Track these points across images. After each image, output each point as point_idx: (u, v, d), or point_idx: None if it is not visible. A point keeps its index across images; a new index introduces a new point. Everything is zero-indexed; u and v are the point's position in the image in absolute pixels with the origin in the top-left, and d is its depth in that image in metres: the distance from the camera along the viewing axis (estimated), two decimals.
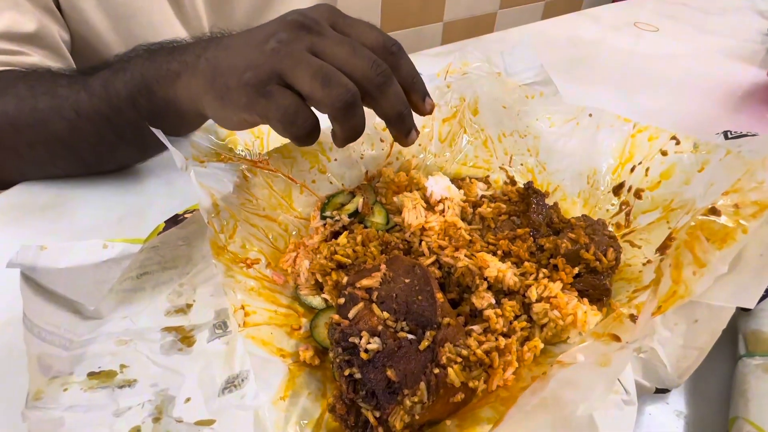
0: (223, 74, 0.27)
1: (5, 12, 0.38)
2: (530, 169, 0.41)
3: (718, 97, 0.61)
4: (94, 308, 0.28)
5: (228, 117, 0.28)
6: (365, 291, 0.26)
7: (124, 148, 0.37)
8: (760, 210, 0.27)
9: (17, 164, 0.37)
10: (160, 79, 0.31)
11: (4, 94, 0.35)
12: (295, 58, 0.24)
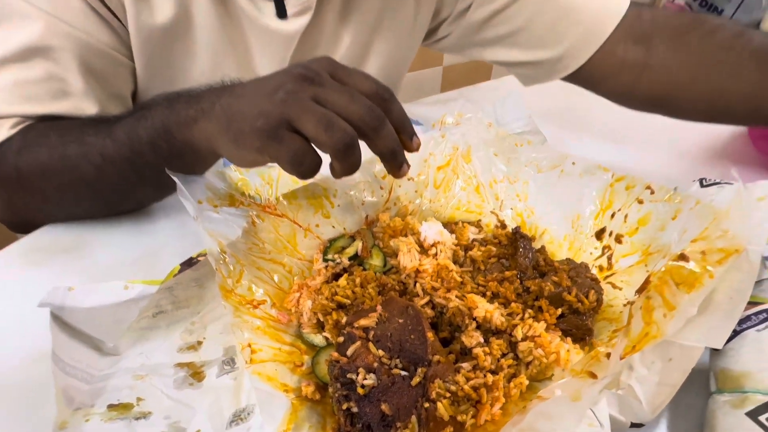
0: (237, 120, 0.30)
1: (73, 97, 0.41)
2: (519, 213, 0.43)
3: (703, 144, 0.64)
4: (113, 345, 0.30)
5: (242, 157, 0.32)
6: (363, 330, 0.28)
7: (144, 188, 0.40)
8: (725, 256, 0.29)
9: (44, 206, 0.41)
10: (178, 124, 0.34)
11: (38, 144, 0.38)
12: (302, 107, 0.28)
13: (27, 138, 0.39)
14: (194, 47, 0.46)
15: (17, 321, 0.33)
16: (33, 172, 0.38)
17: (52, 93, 0.41)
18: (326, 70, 0.30)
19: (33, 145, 0.38)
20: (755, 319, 0.29)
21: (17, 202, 0.41)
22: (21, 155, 0.38)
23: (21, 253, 0.39)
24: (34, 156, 0.38)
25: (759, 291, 0.33)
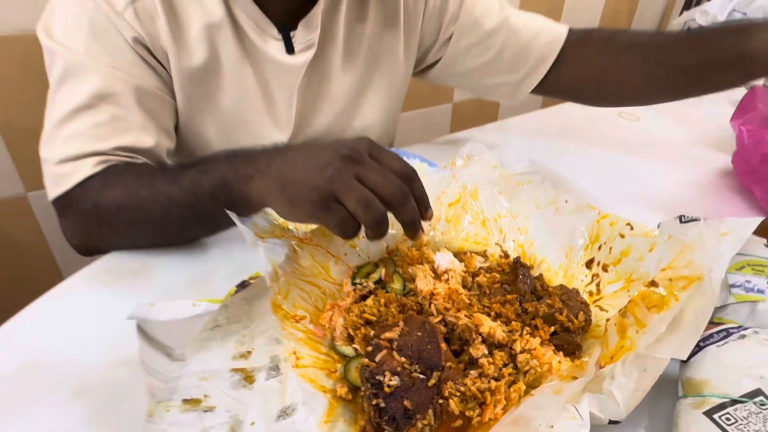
0: (291, 186, 0.37)
1: (133, 131, 0.49)
2: (521, 244, 0.50)
3: (691, 181, 0.70)
4: (181, 353, 0.36)
5: (293, 216, 0.40)
6: (388, 341, 0.34)
7: (200, 228, 0.47)
8: (689, 283, 0.35)
9: (115, 238, 0.48)
10: (236, 179, 0.41)
11: (115, 183, 0.46)
12: (346, 186, 0.36)
13: (107, 178, 0.46)
14: (223, 82, 0.55)
15: (99, 332, 0.39)
16: (110, 208, 0.45)
17: (118, 130, 0.49)
18: (366, 151, 0.38)
19: (112, 185, 0.46)
20: (716, 336, 0.35)
21: (92, 232, 0.48)
22: (101, 193, 0.46)
23: (94, 275, 0.46)
24: (112, 195, 0.45)
25: (724, 314, 0.39)
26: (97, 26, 0.47)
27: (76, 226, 0.49)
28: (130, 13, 0.48)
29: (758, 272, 0.40)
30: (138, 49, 0.49)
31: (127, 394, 0.35)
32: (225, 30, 0.52)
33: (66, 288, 0.44)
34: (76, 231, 0.49)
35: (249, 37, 0.54)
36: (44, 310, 0.42)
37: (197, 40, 0.51)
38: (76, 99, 0.47)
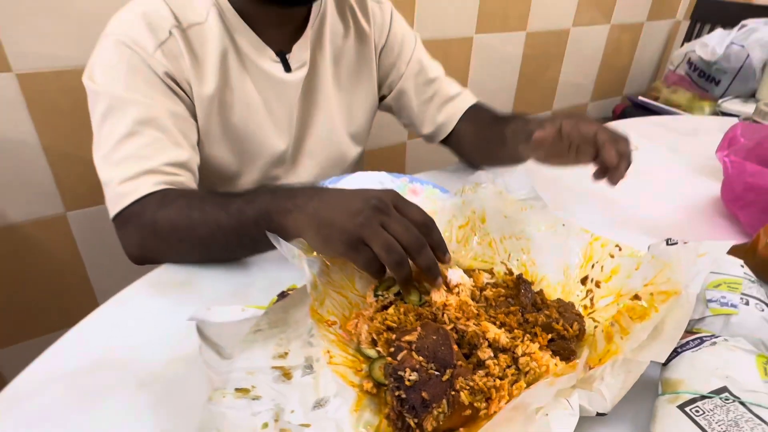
0: (326, 226, 0.44)
1: (172, 148, 0.58)
2: (523, 263, 0.55)
3: (683, 206, 0.76)
4: (229, 351, 0.42)
5: (324, 251, 0.46)
6: (407, 343, 0.40)
7: (241, 250, 0.54)
8: (667, 297, 0.41)
9: (168, 251, 0.54)
10: (277, 212, 0.47)
11: (171, 205, 0.53)
12: (372, 232, 0.42)
13: (165, 200, 0.54)
14: (233, 102, 0.65)
15: (157, 333, 0.46)
16: (165, 225, 0.52)
17: (160, 149, 0.57)
18: (392, 202, 0.45)
19: (168, 206, 0.53)
20: (692, 343, 0.40)
21: (148, 245, 0.55)
22: (158, 212, 0.53)
23: (149, 285, 0.52)
24: (168, 214, 0.52)
25: (702, 325, 0.44)
26: (134, 67, 0.57)
27: (134, 238, 0.55)
28: (159, 54, 0.58)
29: (733, 289, 0.46)
30: (167, 82, 0.59)
31: (184, 385, 0.41)
32: (231, 58, 0.63)
33: (126, 296, 0.50)
34: (134, 243, 0.56)
35: (251, 60, 0.64)
36: (109, 314, 0.48)
37: (211, 72, 0.61)
38: (121, 128, 0.56)
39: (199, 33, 0.60)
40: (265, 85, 0.66)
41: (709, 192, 0.78)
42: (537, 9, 1.62)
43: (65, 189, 1.03)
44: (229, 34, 0.62)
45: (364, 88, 0.76)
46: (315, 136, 0.73)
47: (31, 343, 1.15)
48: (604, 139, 0.51)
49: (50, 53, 0.91)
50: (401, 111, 0.82)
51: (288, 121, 0.69)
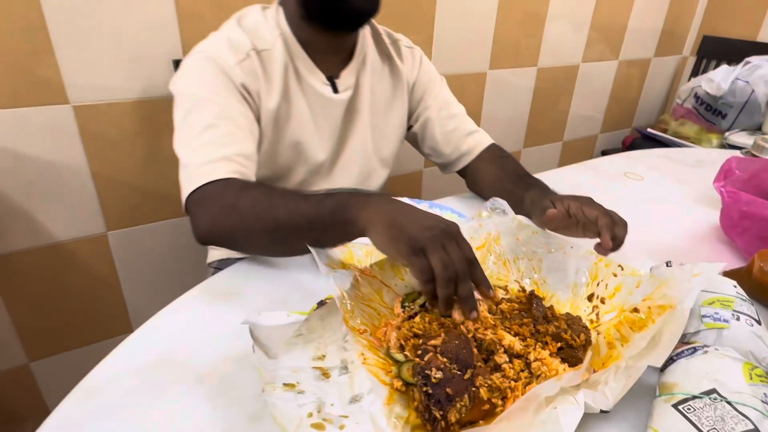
0: (396, 228, 0.50)
1: (242, 141, 0.67)
2: (535, 282, 0.61)
3: (685, 232, 0.81)
4: (275, 352, 0.48)
5: (387, 249, 0.51)
6: (433, 347, 0.46)
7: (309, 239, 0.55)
8: (663, 310, 0.46)
9: (237, 230, 0.59)
10: (355, 204, 0.54)
11: (253, 188, 0.60)
12: (436, 246, 0.48)
13: (246, 184, 0.61)
14: (289, 114, 0.75)
15: (209, 336, 0.52)
16: (246, 203, 0.58)
17: (234, 140, 0.66)
18: (454, 233, 0.51)
19: (250, 189, 0.60)
20: (686, 352, 0.45)
21: (221, 222, 0.59)
22: (240, 194, 0.60)
23: (200, 295, 0.58)
24: (251, 194, 0.59)
25: (697, 338, 0.49)
26: (216, 75, 0.68)
27: (209, 215, 0.60)
28: (238, 69, 0.69)
29: (725, 306, 0.51)
30: (242, 91, 0.69)
31: (235, 380, 0.47)
32: (291, 78, 0.74)
33: (180, 304, 0.57)
34: (208, 219, 0.60)
35: (307, 81, 0.75)
36: (166, 319, 0.54)
37: (276, 89, 0.72)
38: (203, 121, 0.65)
39: (269, 57, 0.72)
40: (315, 102, 0.77)
41: (710, 219, 0.83)
42: (547, 46, 1.71)
43: (108, 210, 1.11)
44: (291, 58, 0.74)
45: (396, 117, 0.87)
46: (350, 152, 0.84)
47: (64, 356, 1.21)
48: (602, 225, 0.58)
49: (103, 86, 1.01)
50: (425, 140, 0.91)
51: (330, 136, 0.80)
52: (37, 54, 0.93)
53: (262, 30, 0.73)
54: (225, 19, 1.08)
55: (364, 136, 0.83)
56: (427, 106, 0.88)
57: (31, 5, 0.89)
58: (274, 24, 0.74)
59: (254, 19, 0.75)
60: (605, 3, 1.78)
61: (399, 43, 0.87)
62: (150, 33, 1.02)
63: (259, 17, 0.75)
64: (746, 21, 1.96)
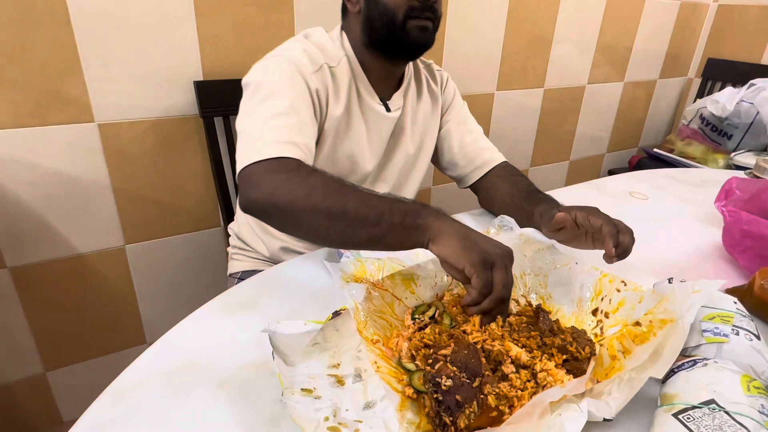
0: (470, 241, 0.53)
1: (309, 136, 0.72)
2: (542, 296, 0.63)
3: (689, 250, 0.82)
4: (292, 359, 0.51)
5: (456, 258, 0.53)
6: (443, 356, 0.48)
7: (368, 231, 0.57)
8: (664, 324, 0.48)
9: (294, 205, 0.59)
10: (428, 213, 0.57)
11: (326, 173, 0.63)
12: (503, 265, 0.52)
13: (315, 168, 0.65)
14: (348, 126, 0.82)
15: (229, 343, 0.54)
16: (311, 184, 0.60)
17: (302, 132, 0.70)
18: (512, 259, 0.55)
19: (319, 172, 0.63)
20: (687, 365, 0.47)
21: (282, 193, 0.60)
22: (312, 172, 0.63)
23: (220, 306, 0.61)
24: (318, 177, 0.61)
25: (698, 351, 0.51)
26: (294, 76, 0.74)
27: (273, 183, 0.61)
28: (314, 77, 0.76)
29: (725, 321, 0.53)
30: (314, 96, 0.76)
31: (255, 387, 0.49)
32: (353, 94, 0.82)
33: (201, 314, 0.60)
34: (271, 188, 0.61)
35: (364, 98, 0.83)
36: (190, 327, 0.57)
37: (342, 100, 0.80)
38: (280, 107, 0.70)
39: (336, 72, 0.80)
40: (371, 118, 0.85)
41: (713, 238, 0.85)
42: (554, 68, 1.76)
43: (127, 224, 1.15)
44: (353, 76, 0.82)
45: (432, 134, 0.95)
46: (393, 166, 0.91)
47: (79, 366, 1.24)
48: (606, 233, 0.60)
49: (127, 105, 1.06)
50: (443, 152, 0.97)
51: (379, 150, 0.88)
52: (67, 74, 0.98)
53: (329, 48, 0.81)
54: (244, 41, 1.13)
55: (406, 151, 0.91)
56: (448, 120, 0.96)
57: (64, 28, 0.95)
58: (339, 45, 0.82)
59: (321, 38, 0.82)
60: (610, 26, 1.83)
61: (431, 67, 0.95)
62: (173, 56, 1.07)
63: (326, 37, 0.82)
64: (750, 44, 1.99)
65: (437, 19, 0.79)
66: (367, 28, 0.79)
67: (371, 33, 0.79)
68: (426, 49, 0.81)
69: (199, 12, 1.06)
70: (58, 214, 1.07)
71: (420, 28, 0.76)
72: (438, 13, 0.78)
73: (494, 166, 0.92)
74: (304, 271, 0.70)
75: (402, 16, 0.75)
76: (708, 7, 2.09)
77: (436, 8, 0.77)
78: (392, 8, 0.75)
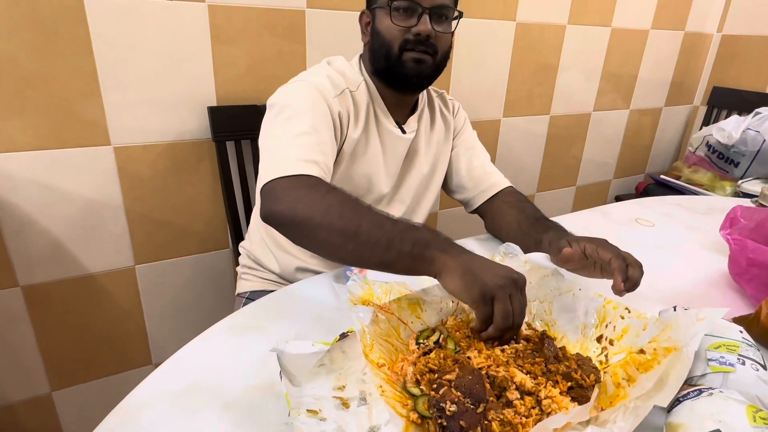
0: (470, 275, 0.55)
1: (329, 155, 0.75)
2: (546, 323, 0.63)
3: (698, 279, 0.82)
4: (299, 380, 0.51)
5: (458, 292, 0.56)
6: (448, 381, 0.48)
7: (377, 254, 0.59)
8: (668, 352, 0.48)
9: (313, 220, 0.61)
10: (436, 246, 0.58)
11: (344, 192, 0.65)
12: (504, 297, 0.54)
13: (335, 187, 0.66)
14: (365, 147, 0.86)
15: (236, 365, 0.55)
16: (329, 201, 0.62)
17: (323, 151, 0.73)
18: (521, 285, 0.56)
19: (339, 191, 0.65)
20: (692, 394, 0.47)
21: (302, 207, 0.62)
22: (331, 191, 0.65)
23: (227, 328, 0.62)
24: (336, 196, 0.63)
25: (704, 381, 0.51)
26: (317, 99, 0.77)
27: (294, 197, 0.64)
28: (336, 100, 0.80)
29: (731, 351, 0.52)
30: (335, 118, 0.79)
31: (260, 409, 0.50)
32: (371, 117, 0.86)
33: (208, 335, 0.61)
34: (292, 201, 0.64)
35: (381, 122, 0.87)
36: (196, 349, 0.58)
37: (360, 123, 0.84)
38: (304, 126, 0.74)
39: (356, 96, 0.84)
40: (387, 140, 0.88)
41: (720, 266, 0.85)
42: (559, 95, 1.78)
43: (137, 245, 1.17)
44: (371, 101, 0.86)
45: (443, 161, 0.98)
46: (408, 187, 0.94)
47: (85, 387, 1.24)
48: (614, 268, 0.61)
49: (142, 129, 1.09)
50: (452, 175, 1.00)
51: (394, 170, 0.91)
52: (87, 99, 1.01)
53: (349, 74, 0.85)
54: (257, 69, 1.17)
55: (420, 172, 0.94)
56: (457, 144, 1.00)
57: (86, 55, 0.99)
58: (358, 72, 0.87)
59: (341, 64, 0.87)
60: (615, 55, 1.86)
61: (444, 96, 1.00)
62: (189, 82, 1.10)
63: (346, 64, 0.87)
64: (755, 73, 2.02)
65: (437, 53, 0.81)
66: (372, 58, 0.85)
67: (375, 63, 0.84)
68: (425, 80, 0.85)
69: (216, 41, 1.10)
70: (70, 234, 1.10)
71: (415, 60, 0.80)
72: (437, 47, 0.81)
73: (500, 190, 0.95)
74: (311, 292, 0.71)
75: (398, 49, 0.79)
76: (712, 37, 2.12)
77: (433, 43, 0.79)
78: (389, 40, 0.79)
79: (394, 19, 0.78)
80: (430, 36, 0.78)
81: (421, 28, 0.77)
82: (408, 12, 0.78)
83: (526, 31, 1.59)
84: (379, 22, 0.81)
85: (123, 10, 0.99)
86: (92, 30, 0.98)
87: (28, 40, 0.94)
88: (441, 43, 0.81)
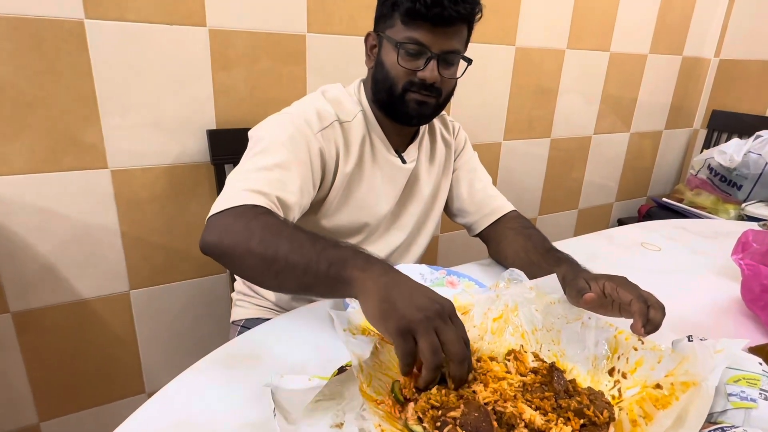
0: (387, 303, 0.50)
1: (287, 191, 0.70)
2: (555, 354, 0.60)
3: (707, 305, 0.79)
4: (294, 417, 0.48)
5: (374, 322, 0.51)
6: (452, 419, 0.45)
7: (299, 280, 0.57)
8: (686, 387, 0.45)
9: (239, 247, 0.60)
10: (354, 266, 0.54)
11: (273, 216, 0.63)
12: (426, 331, 0.48)
13: (266, 212, 0.64)
14: (362, 178, 0.84)
15: (227, 398, 0.52)
16: (250, 229, 0.60)
17: (280, 187, 0.69)
18: (450, 312, 0.51)
19: (266, 217, 0.62)
20: None
21: (227, 237, 0.61)
22: (256, 217, 0.62)
23: (220, 359, 0.59)
24: (260, 222, 0.61)
25: (724, 417, 0.48)
26: (296, 135, 0.75)
27: (221, 228, 0.63)
28: (320, 136, 0.77)
29: (752, 385, 0.50)
30: (316, 157, 0.76)
31: None
32: (367, 147, 0.84)
33: (200, 367, 0.58)
34: (219, 231, 0.63)
35: (379, 151, 0.85)
36: (188, 381, 0.55)
37: (353, 155, 0.81)
38: (264, 162, 0.71)
39: (349, 127, 0.82)
40: (386, 169, 0.86)
41: (731, 292, 0.82)
42: (560, 118, 1.78)
43: (133, 269, 1.15)
44: (368, 131, 0.84)
45: (445, 183, 0.97)
46: (408, 214, 0.92)
47: (74, 417, 1.20)
48: (635, 311, 0.57)
49: (140, 152, 1.08)
50: (453, 199, 0.98)
51: (393, 199, 0.89)
52: (86, 122, 1.01)
53: (344, 102, 0.83)
54: (257, 92, 1.17)
55: (422, 199, 0.93)
56: (458, 167, 0.98)
57: (86, 78, 0.98)
58: (356, 99, 0.85)
59: (337, 93, 0.84)
60: (614, 79, 1.87)
61: (444, 117, 0.98)
62: (189, 106, 1.10)
63: (342, 92, 0.85)
64: (753, 97, 2.02)
65: (441, 96, 0.80)
66: (374, 88, 0.83)
67: (377, 93, 0.82)
68: (427, 119, 0.85)
69: (216, 65, 1.10)
70: (64, 258, 1.07)
71: (418, 102, 0.79)
72: (441, 90, 0.79)
73: (503, 214, 0.93)
74: (309, 321, 0.68)
75: (401, 88, 0.78)
76: (710, 62, 2.13)
77: (438, 87, 0.78)
78: (393, 77, 0.78)
79: (401, 59, 0.76)
80: (436, 82, 0.77)
81: (427, 75, 0.76)
82: (416, 56, 0.76)
83: (525, 55, 1.60)
84: (385, 55, 0.79)
85: (124, 35, 0.99)
86: (92, 54, 0.98)
87: (28, 65, 0.93)
88: (446, 86, 0.80)
